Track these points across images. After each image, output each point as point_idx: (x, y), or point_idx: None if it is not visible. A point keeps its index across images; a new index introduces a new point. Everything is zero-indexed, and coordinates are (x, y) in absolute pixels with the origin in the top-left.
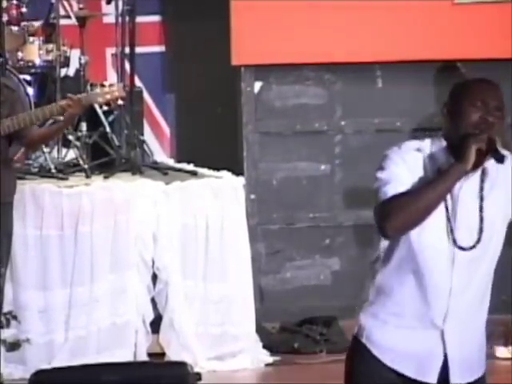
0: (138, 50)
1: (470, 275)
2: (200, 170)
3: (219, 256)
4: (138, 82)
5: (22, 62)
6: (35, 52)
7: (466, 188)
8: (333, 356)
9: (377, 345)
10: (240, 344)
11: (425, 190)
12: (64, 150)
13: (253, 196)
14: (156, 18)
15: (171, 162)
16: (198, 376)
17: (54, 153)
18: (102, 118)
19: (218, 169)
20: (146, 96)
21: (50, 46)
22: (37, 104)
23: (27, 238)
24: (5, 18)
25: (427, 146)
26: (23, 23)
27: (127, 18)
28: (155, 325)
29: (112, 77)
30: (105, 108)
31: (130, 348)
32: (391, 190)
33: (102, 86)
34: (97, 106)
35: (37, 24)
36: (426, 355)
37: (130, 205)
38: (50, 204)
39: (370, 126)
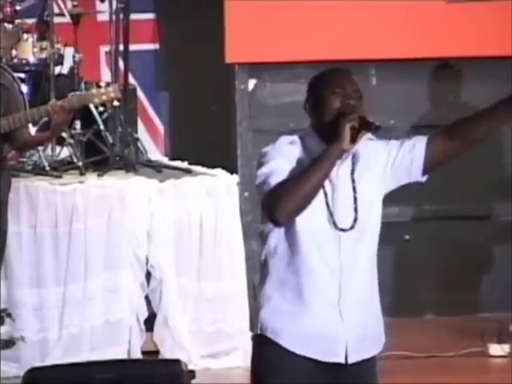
0: (132, 47)
1: (355, 255)
2: (194, 168)
3: (213, 254)
4: (131, 80)
5: (15, 60)
6: (29, 50)
7: (342, 173)
8: None
9: (283, 336)
10: (234, 342)
11: (308, 173)
12: (58, 148)
13: (246, 194)
14: (150, 16)
15: (165, 160)
16: (192, 374)
17: (48, 151)
18: (96, 115)
19: (211, 166)
20: (140, 94)
21: (44, 44)
22: (31, 102)
23: (21, 235)
24: None
25: (299, 140)
26: (17, 21)
27: (121, 16)
28: (149, 323)
29: (106, 75)
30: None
31: (123, 346)
32: (274, 181)
33: (98, 86)
34: (91, 104)
35: (30, 21)
36: (330, 336)
37: (124, 202)
38: (44, 202)
39: None
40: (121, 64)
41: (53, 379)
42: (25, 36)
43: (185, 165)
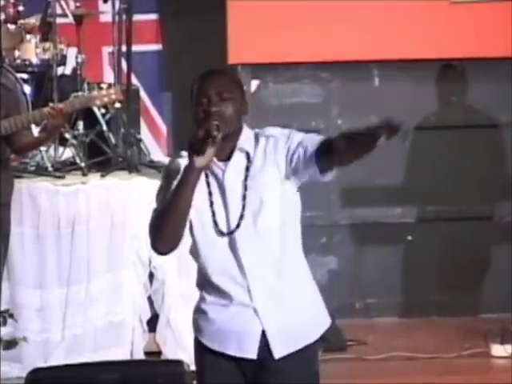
0: (135, 48)
1: (257, 254)
2: None
3: None
4: (134, 81)
5: (18, 61)
6: (32, 50)
7: (232, 174)
8: (329, 355)
9: (204, 334)
10: None
11: (170, 202)
12: (61, 149)
13: None
14: (153, 17)
15: (168, 161)
16: (195, 374)
17: (51, 151)
18: (99, 116)
19: None
20: (143, 94)
21: (47, 45)
22: (34, 103)
23: (24, 236)
24: (2, 16)
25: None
26: (20, 21)
27: (124, 17)
28: (152, 323)
29: (109, 75)
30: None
31: (126, 346)
32: (155, 205)
33: (100, 88)
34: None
35: (32, 21)
36: (245, 333)
37: (127, 203)
38: (47, 203)
39: (367, 124)
40: (124, 65)
41: (55, 380)
42: (28, 37)
43: None
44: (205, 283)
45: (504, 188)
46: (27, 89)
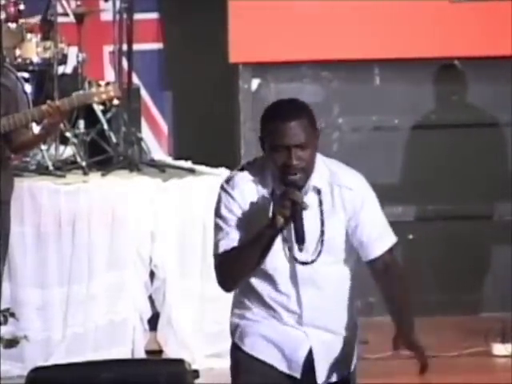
0: (136, 47)
1: (317, 286)
2: (198, 168)
3: None
4: (135, 80)
5: (19, 60)
6: (33, 49)
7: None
8: None
9: (248, 341)
10: None
11: (245, 252)
12: (61, 148)
13: None
14: (154, 16)
15: (169, 160)
16: (196, 373)
17: (52, 150)
18: (100, 115)
19: (215, 166)
20: (144, 93)
21: (48, 44)
22: (34, 101)
23: (25, 235)
24: (2, 15)
25: (248, 175)
26: (21, 20)
27: (125, 16)
28: (153, 322)
29: (110, 74)
30: (101, 106)
31: (127, 345)
32: (222, 247)
33: (98, 85)
34: (94, 104)
35: (33, 21)
36: (294, 350)
37: (128, 202)
38: (48, 201)
39: (368, 123)
40: (124, 64)
41: (56, 379)
42: (28, 36)
43: (188, 164)
44: (250, 295)
45: (504, 187)
46: (28, 88)
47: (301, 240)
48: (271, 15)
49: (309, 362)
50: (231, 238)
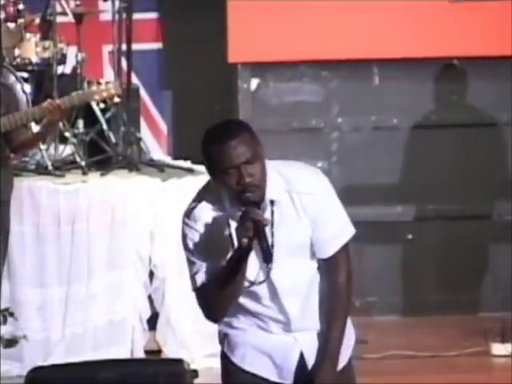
0: (135, 47)
1: (297, 292)
2: (197, 167)
3: None
4: (134, 79)
5: (18, 60)
6: (32, 49)
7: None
8: None
9: (236, 352)
10: None
11: (223, 280)
12: (61, 147)
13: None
14: (153, 15)
15: (168, 159)
16: (195, 373)
17: (51, 150)
18: (99, 115)
19: None
20: (143, 93)
21: (47, 44)
22: (34, 101)
23: (24, 235)
24: (2, 15)
25: (206, 204)
26: (20, 20)
27: (124, 15)
28: (152, 322)
29: (109, 74)
30: (101, 105)
31: (126, 345)
32: (199, 280)
33: (98, 83)
34: (93, 104)
35: (32, 17)
36: (284, 358)
37: (127, 202)
38: (47, 201)
39: (367, 123)
40: (124, 63)
41: (55, 378)
42: (28, 35)
43: (187, 164)
44: (236, 306)
45: (504, 187)
46: (27, 88)
47: (268, 259)
48: (270, 15)
49: (301, 365)
50: (205, 271)
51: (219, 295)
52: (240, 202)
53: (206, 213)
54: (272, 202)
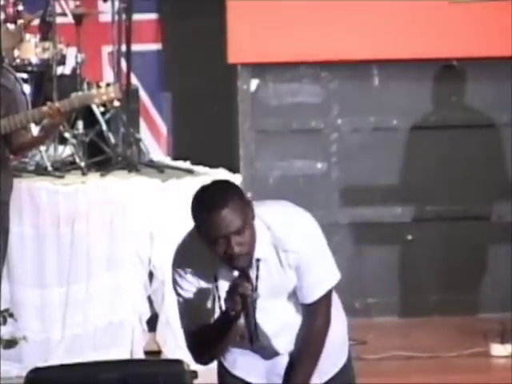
0: (135, 48)
1: (285, 330)
2: (196, 168)
3: None
4: (134, 80)
5: (18, 60)
6: (32, 50)
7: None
8: None
9: (227, 358)
10: None
11: (210, 335)
12: (60, 148)
13: (249, 194)
14: (152, 16)
15: (167, 160)
16: (195, 374)
17: (51, 151)
18: (99, 116)
19: (214, 167)
20: (143, 94)
21: (47, 44)
22: (33, 102)
23: (24, 235)
24: (1, 16)
25: (193, 254)
26: (19, 21)
27: (123, 16)
28: (152, 323)
29: (108, 75)
30: (102, 108)
31: (126, 346)
32: (188, 327)
33: (98, 86)
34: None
35: (31, 16)
36: (272, 363)
37: (127, 203)
38: (47, 202)
39: (367, 124)
40: (123, 64)
41: (55, 379)
42: (27, 36)
43: (187, 165)
44: None
45: (503, 188)
46: (27, 88)
47: (253, 338)
48: (270, 15)
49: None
50: (193, 318)
51: (207, 346)
52: (228, 265)
53: (195, 263)
54: (258, 260)
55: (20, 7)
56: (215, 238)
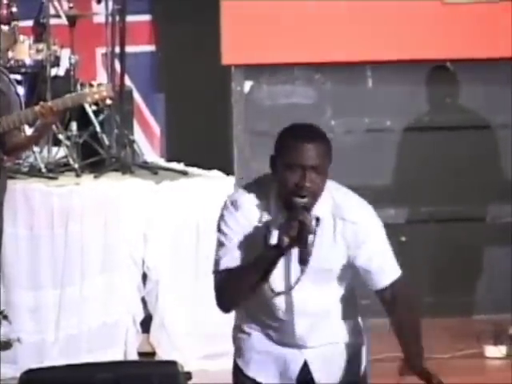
0: (128, 49)
1: (310, 314)
2: (190, 170)
3: (210, 255)
4: (128, 82)
5: (12, 62)
6: (25, 51)
7: None
8: None
9: (242, 357)
10: (230, 343)
11: (247, 273)
12: (54, 150)
13: None
14: (146, 18)
15: (161, 162)
16: (189, 375)
17: (44, 152)
18: (92, 117)
19: (208, 168)
20: (136, 95)
21: (41, 46)
22: (27, 104)
23: (18, 237)
24: None
25: (253, 198)
26: (14, 23)
27: (117, 18)
28: (145, 324)
29: (102, 76)
30: (95, 107)
31: (120, 347)
32: (223, 264)
33: (91, 85)
34: (87, 106)
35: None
36: (286, 365)
37: (120, 204)
38: (41, 203)
39: (360, 125)
40: (117, 66)
41: (49, 380)
42: (21, 38)
43: (181, 166)
44: (248, 312)
45: (498, 189)
46: (20, 90)
47: (304, 261)
48: (264, 17)
49: (305, 374)
50: (233, 256)
51: (238, 285)
52: (288, 204)
53: (250, 205)
54: (317, 220)
55: (14, 9)
56: (293, 165)
